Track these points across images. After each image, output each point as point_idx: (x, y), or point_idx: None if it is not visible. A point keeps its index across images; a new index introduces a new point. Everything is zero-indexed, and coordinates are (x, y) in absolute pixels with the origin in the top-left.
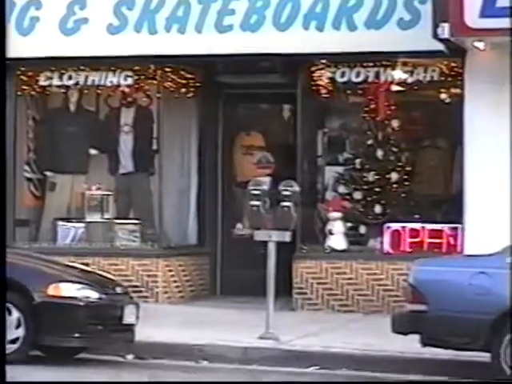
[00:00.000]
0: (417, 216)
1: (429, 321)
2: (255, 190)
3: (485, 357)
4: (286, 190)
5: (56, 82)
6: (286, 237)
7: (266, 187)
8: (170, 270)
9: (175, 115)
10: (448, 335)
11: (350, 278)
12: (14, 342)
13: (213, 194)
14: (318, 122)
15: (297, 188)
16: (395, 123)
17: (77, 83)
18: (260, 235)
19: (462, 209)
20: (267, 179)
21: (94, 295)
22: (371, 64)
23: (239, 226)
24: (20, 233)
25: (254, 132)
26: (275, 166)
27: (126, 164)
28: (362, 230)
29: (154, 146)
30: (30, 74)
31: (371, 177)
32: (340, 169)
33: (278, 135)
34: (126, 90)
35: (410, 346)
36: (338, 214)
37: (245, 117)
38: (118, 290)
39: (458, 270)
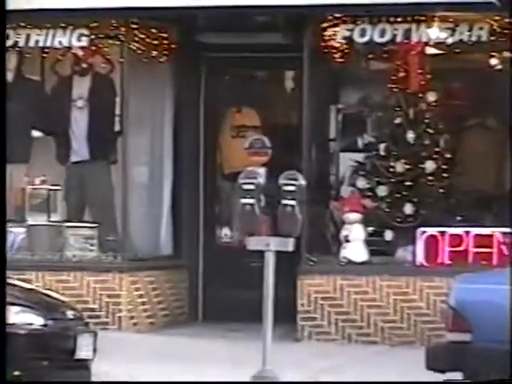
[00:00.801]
0: (459, 218)
1: (474, 354)
2: (248, 183)
3: None
4: (289, 185)
5: None
6: (289, 245)
7: (261, 180)
8: (138, 289)
9: (144, 86)
10: (499, 373)
11: (373, 300)
12: None
13: (193, 189)
14: (331, 95)
15: (302, 181)
16: (431, 97)
17: (15, 44)
18: (254, 243)
19: None
20: (263, 170)
21: (37, 321)
22: (400, 19)
23: (227, 231)
24: None
25: (246, 108)
26: (274, 152)
27: (80, 150)
28: (388, 236)
29: (117, 127)
30: None
31: (400, 167)
32: (359, 156)
33: (277, 112)
34: (80, 52)
35: None
36: (357, 216)
37: (234, 88)
38: (70, 314)
39: None
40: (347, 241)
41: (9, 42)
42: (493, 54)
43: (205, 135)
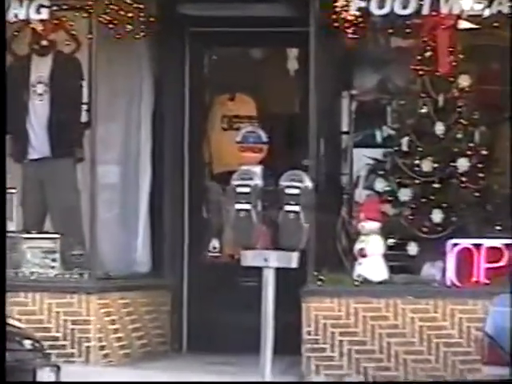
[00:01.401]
0: (498, 227)
1: None
2: (242, 185)
3: None
4: (292, 187)
5: None
6: (292, 261)
7: (259, 181)
8: (109, 314)
9: (117, 68)
10: None
11: (394, 326)
12: None
13: (176, 192)
14: (343, 78)
15: (308, 183)
16: (464, 81)
17: None
18: (250, 258)
19: None
20: (261, 169)
21: None
22: None
23: (217, 243)
24: None
25: (240, 94)
26: (273, 147)
27: (40, 145)
28: (413, 249)
29: (84, 117)
30: None
31: (426, 165)
32: (377, 153)
33: (278, 99)
34: (39, 27)
35: None
36: (375, 225)
37: (226, 70)
38: (28, 344)
39: None
40: (363, 255)
41: None
42: None
43: (190, 127)
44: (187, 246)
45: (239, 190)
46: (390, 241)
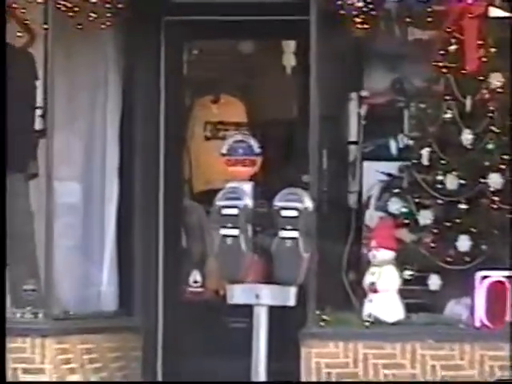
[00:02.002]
0: None
1: None
2: (229, 207)
3: None
4: (289, 208)
5: None
6: (289, 297)
7: (249, 202)
8: (68, 361)
9: (78, 64)
10: None
11: (412, 376)
12: None
13: (148, 215)
14: (350, 77)
15: (309, 204)
16: (496, 80)
17: None
18: (238, 294)
19: None
20: (251, 186)
21: None
22: None
23: (198, 276)
24: None
25: (226, 96)
26: (267, 160)
27: None
28: (434, 283)
29: (38, 124)
30: None
31: (451, 182)
32: (392, 167)
33: (272, 102)
34: None
35: None
36: (389, 254)
37: (210, 67)
38: None
39: None
40: (374, 291)
41: None
42: None
43: (166, 136)
44: (162, 279)
45: (225, 211)
46: (407, 273)
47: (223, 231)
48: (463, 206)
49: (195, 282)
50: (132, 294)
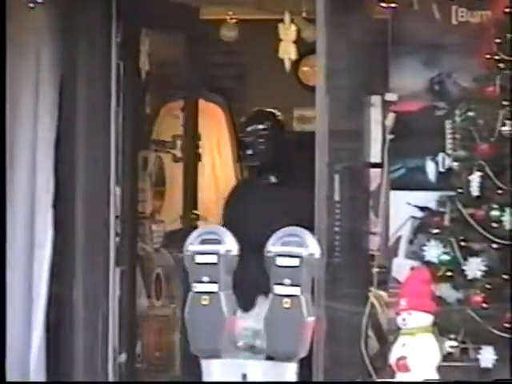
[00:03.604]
0: None
1: None
2: (206, 253)
3: None
4: (288, 255)
5: None
6: (287, 377)
7: (233, 245)
8: None
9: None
10: None
11: None
12: None
13: (95, 266)
14: (371, 74)
15: (315, 249)
16: None
17: None
18: (218, 373)
19: None
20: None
21: None
22: None
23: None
24: None
25: (204, 100)
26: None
27: None
28: (488, 358)
29: None
30: None
31: (511, 220)
32: (429, 198)
33: (265, 107)
34: None
35: None
36: (424, 318)
37: (180, 61)
38: None
39: None
40: (405, 368)
41: None
42: None
43: (121, 154)
44: (112, 350)
45: (200, 259)
46: (450, 344)
47: (197, 287)
48: None
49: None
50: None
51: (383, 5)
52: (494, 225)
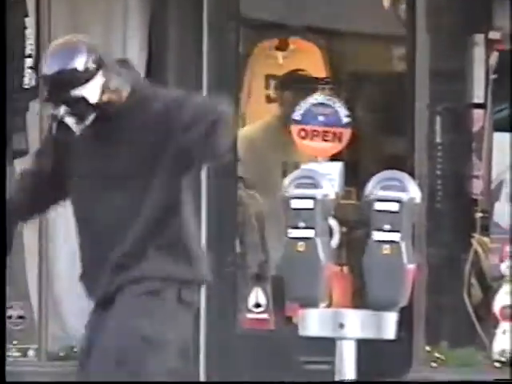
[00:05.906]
0: None
1: None
2: (302, 197)
3: None
4: (388, 200)
5: None
6: (387, 327)
7: (330, 190)
8: None
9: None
10: None
11: None
12: None
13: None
14: (473, 11)
15: (415, 193)
16: None
17: None
18: (315, 323)
19: None
20: (335, 169)
21: None
22: None
23: (261, 296)
24: None
25: (297, 39)
26: (357, 133)
27: None
28: None
29: (28, 79)
30: None
31: None
32: None
33: (364, 49)
34: None
35: None
36: None
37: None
38: None
39: None
40: (510, 317)
41: None
42: None
43: None
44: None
45: (296, 204)
46: None
47: (292, 232)
48: None
49: (257, 305)
50: None
51: None
52: None
